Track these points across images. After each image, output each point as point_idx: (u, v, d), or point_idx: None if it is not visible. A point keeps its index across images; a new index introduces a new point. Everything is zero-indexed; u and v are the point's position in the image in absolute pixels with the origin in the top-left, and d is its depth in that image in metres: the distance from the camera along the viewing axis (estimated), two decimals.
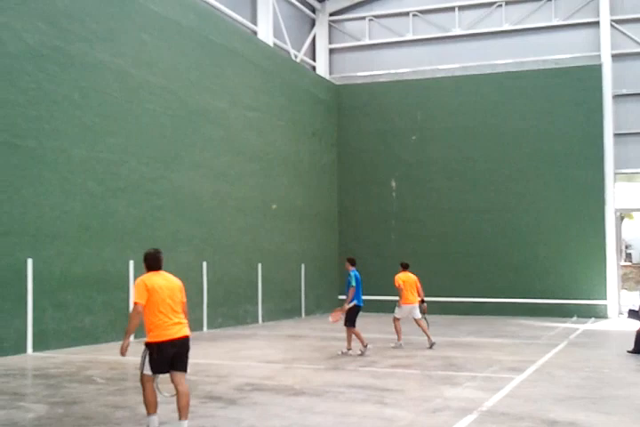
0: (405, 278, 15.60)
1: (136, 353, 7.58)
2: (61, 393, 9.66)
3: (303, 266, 25.11)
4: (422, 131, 27.22)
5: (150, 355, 7.17)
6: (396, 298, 15.67)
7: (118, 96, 16.91)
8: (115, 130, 16.73)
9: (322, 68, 29.14)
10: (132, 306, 15.42)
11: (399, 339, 15.49)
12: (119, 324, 16.52)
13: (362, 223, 27.76)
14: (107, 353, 13.99)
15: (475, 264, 25.99)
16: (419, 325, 15.61)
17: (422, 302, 15.80)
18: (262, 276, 22.46)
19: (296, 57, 27.26)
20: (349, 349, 14.22)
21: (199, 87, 20.05)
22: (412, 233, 26.97)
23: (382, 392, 9.89)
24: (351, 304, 14.27)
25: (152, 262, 7.59)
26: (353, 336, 14.34)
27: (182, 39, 19.44)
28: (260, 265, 22.43)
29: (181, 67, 19.36)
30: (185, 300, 7.56)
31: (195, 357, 13.66)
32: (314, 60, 29.12)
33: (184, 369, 7.30)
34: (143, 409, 8.44)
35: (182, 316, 7.40)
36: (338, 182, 28.32)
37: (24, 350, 13.91)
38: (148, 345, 7.21)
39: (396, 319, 15.58)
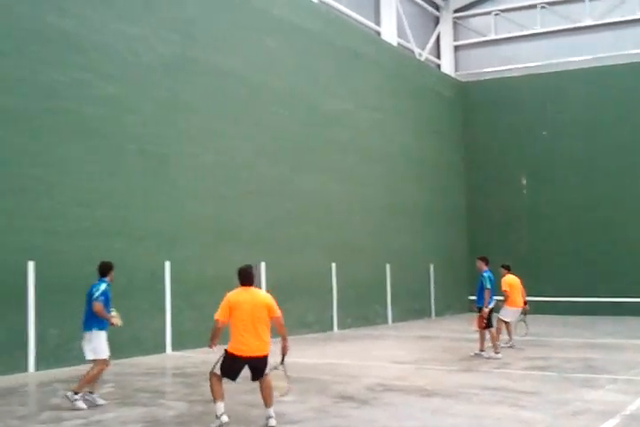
0: (511, 281, 15.04)
1: (271, 354, 7.74)
2: (200, 391, 9.97)
3: (432, 266, 24.88)
4: (553, 125, 26.41)
5: (224, 361, 7.61)
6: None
7: (247, 102, 17.34)
8: (244, 135, 17.16)
9: (447, 66, 28.80)
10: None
11: (501, 343, 14.56)
12: None
13: (491, 222, 27.21)
14: None
15: (611, 262, 24.90)
16: (506, 328, 15.24)
17: (525, 303, 15.36)
18: (391, 276, 22.41)
19: (420, 56, 27.07)
20: (482, 350, 13.92)
21: (325, 90, 20.26)
22: (544, 231, 26.20)
23: (518, 394, 9.65)
24: (490, 306, 13.87)
25: (242, 278, 7.89)
26: (487, 337, 13.98)
27: (307, 43, 19.71)
28: (388, 266, 22.40)
29: (307, 71, 19.63)
30: (277, 314, 7.75)
31: (325, 357, 13.90)
32: (438, 58, 28.82)
33: (260, 377, 7.71)
34: (280, 408, 8.62)
35: (263, 333, 7.62)
36: (466, 181, 27.90)
37: (163, 349, 14.48)
38: (225, 351, 7.62)
39: (501, 321, 14.95)
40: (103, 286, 9.27)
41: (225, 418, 7.43)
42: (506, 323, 15.23)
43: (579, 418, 8.19)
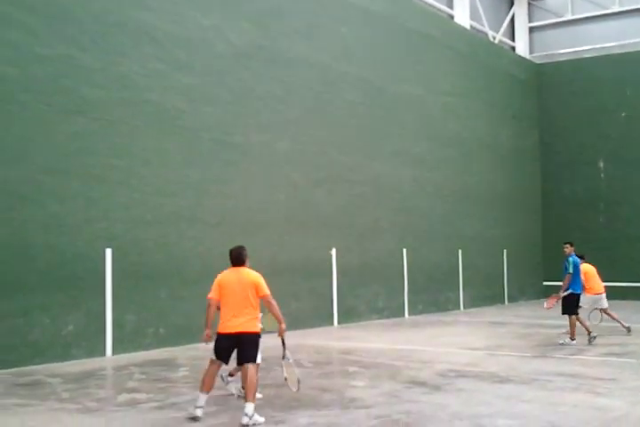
0: (587, 269, 14.63)
1: (346, 339, 7.78)
2: (271, 376, 10.11)
3: (505, 252, 24.55)
4: (632, 107, 25.66)
5: (215, 342, 7.71)
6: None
7: (318, 89, 17.39)
8: (316, 122, 17.23)
9: (522, 48, 28.25)
10: (335, 292, 15.72)
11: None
12: (323, 310, 17.07)
13: (567, 207, 26.66)
14: (312, 338, 14.47)
15: None
16: (609, 315, 15.03)
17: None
18: (463, 262, 22.23)
19: (494, 38, 26.62)
20: (573, 339, 13.33)
21: (396, 75, 20.15)
22: (622, 216, 25.54)
23: (594, 381, 9.48)
24: (567, 292, 13.55)
25: (233, 259, 7.99)
26: (578, 325, 13.49)
27: (379, 28, 19.62)
28: (460, 251, 22.22)
29: (378, 56, 19.55)
30: (265, 293, 7.71)
31: (396, 342, 13.91)
32: (513, 40, 28.29)
33: (245, 360, 7.60)
34: (351, 393, 8.69)
35: (250, 311, 7.63)
36: (540, 165, 27.40)
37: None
38: (217, 333, 7.70)
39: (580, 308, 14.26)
40: None
41: (199, 412, 7.36)
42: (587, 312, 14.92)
43: None
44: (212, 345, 7.74)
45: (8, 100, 11.21)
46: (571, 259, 13.67)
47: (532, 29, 28.72)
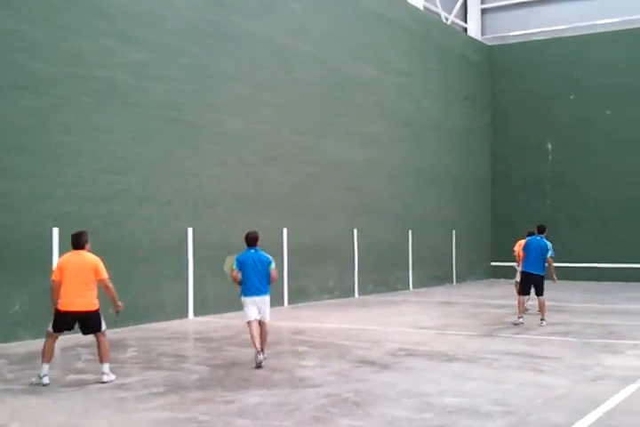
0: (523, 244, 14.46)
1: (296, 319, 7.80)
2: (221, 356, 10.12)
3: (454, 232, 24.83)
4: (580, 90, 26.03)
5: (55, 318, 8.40)
6: None
7: (271, 67, 17.25)
8: (268, 101, 17.10)
9: (473, 30, 28.38)
10: (286, 272, 15.74)
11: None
12: (273, 290, 17.02)
13: (515, 188, 27.03)
14: None
15: (635, 229, 24.72)
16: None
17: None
18: (413, 242, 22.42)
19: (447, 19, 26.68)
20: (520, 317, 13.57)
21: (350, 55, 20.10)
22: (568, 198, 25.99)
23: (538, 360, 9.69)
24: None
25: (73, 243, 8.56)
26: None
27: (333, 7, 19.51)
28: (410, 231, 22.40)
29: (332, 35, 19.45)
30: (103, 276, 8.52)
31: (346, 322, 14.01)
32: (465, 21, 28.39)
33: (93, 332, 8.57)
34: (301, 372, 8.75)
35: (89, 291, 8.40)
36: (491, 147, 27.69)
37: (186, 314, 14.64)
38: (55, 309, 8.38)
39: (516, 284, 14.65)
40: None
41: (46, 380, 8.10)
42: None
43: (599, 383, 8.22)
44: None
45: None
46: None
47: (484, 11, 28.83)
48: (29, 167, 11.90)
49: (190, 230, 14.79)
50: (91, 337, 8.66)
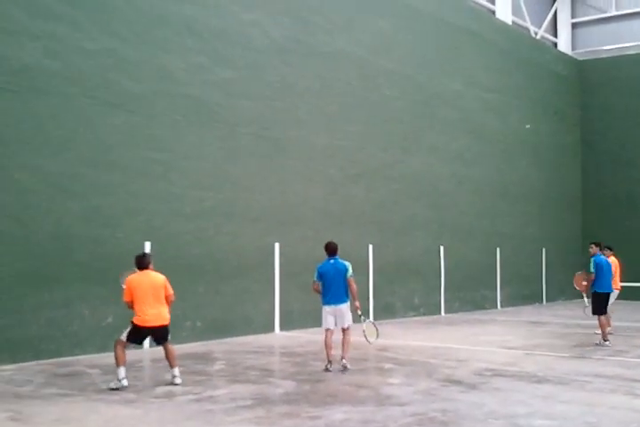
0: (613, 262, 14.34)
1: (381, 336, 7.73)
2: (307, 371, 10.14)
3: (544, 250, 24.29)
4: None
5: (130, 331, 9.04)
6: None
7: (357, 84, 17.35)
8: (353, 117, 17.19)
9: (563, 44, 27.89)
10: (371, 289, 15.68)
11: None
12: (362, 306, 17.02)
13: (608, 206, 26.26)
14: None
15: None
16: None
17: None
18: (501, 260, 22.04)
19: (536, 34, 26.30)
20: (605, 340, 13.09)
21: (436, 70, 20.03)
22: None
23: (633, 383, 9.34)
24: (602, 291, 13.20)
25: (138, 263, 9.17)
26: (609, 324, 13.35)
27: (419, 23, 19.52)
28: (498, 249, 22.02)
29: (418, 51, 19.45)
30: (170, 292, 9.18)
31: (433, 340, 13.84)
32: (555, 36, 27.94)
33: (163, 342, 9.23)
34: (387, 390, 8.68)
35: (161, 306, 9.05)
36: (581, 164, 27.03)
37: (272, 329, 14.76)
38: (132, 323, 9.07)
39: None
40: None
41: (125, 382, 8.68)
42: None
43: None
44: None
45: (52, 93, 11.36)
46: (592, 258, 13.37)
47: (574, 25, 28.34)
48: (121, 183, 12.27)
49: (277, 246, 14.93)
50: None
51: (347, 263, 10.37)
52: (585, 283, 13.74)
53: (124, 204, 12.29)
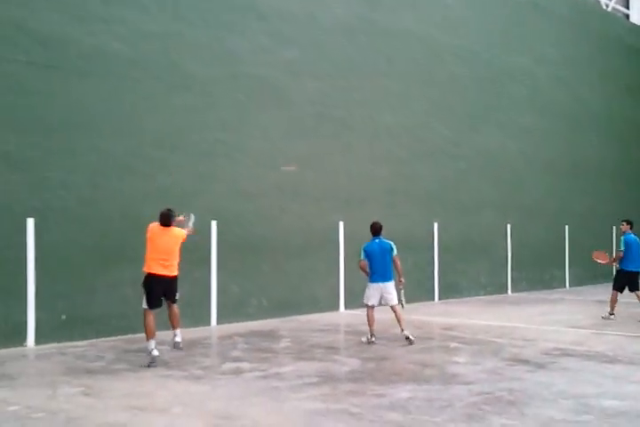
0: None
1: (447, 315, 7.72)
2: (372, 349, 10.17)
3: (614, 229, 23.70)
4: None
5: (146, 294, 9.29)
6: None
7: (423, 62, 17.16)
8: (419, 96, 17.02)
9: (636, 16, 26.97)
10: (437, 267, 15.57)
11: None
12: (426, 285, 16.98)
13: None
14: (413, 313, 14.41)
15: None
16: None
17: None
18: (570, 239, 21.62)
19: (607, 6, 25.49)
20: (611, 313, 13.73)
21: (503, 46, 19.65)
22: None
23: None
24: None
25: (160, 221, 9.43)
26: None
27: None
28: (567, 227, 21.60)
29: (484, 27, 19.09)
30: (184, 235, 9.55)
31: (499, 319, 13.71)
32: (627, 7, 27.02)
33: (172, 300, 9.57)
34: (453, 369, 8.66)
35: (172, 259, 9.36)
36: None
37: (337, 307, 14.83)
38: (143, 282, 9.35)
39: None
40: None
41: (155, 352, 8.89)
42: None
43: None
44: None
45: (119, 75, 11.54)
46: (622, 237, 13.93)
47: None
48: (187, 164, 12.42)
49: (342, 225, 14.95)
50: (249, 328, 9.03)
51: (391, 243, 10.81)
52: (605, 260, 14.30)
53: (190, 184, 12.45)
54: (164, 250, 9.25)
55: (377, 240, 10.84)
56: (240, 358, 9.37)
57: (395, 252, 10.75)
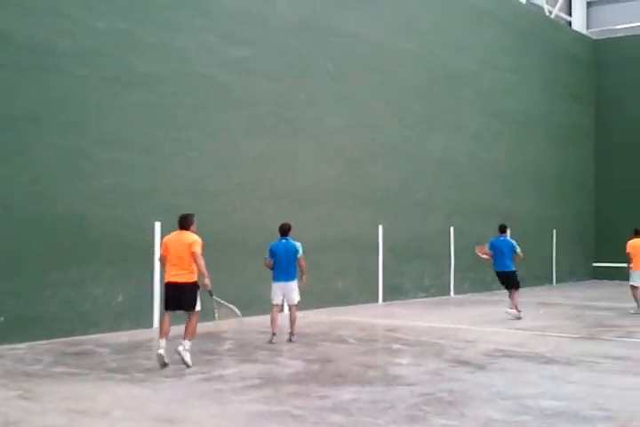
0: (634, 244, 15.34)
1: (390, 316, 7.77)
2: (316, 351, 10.19)
3: (555, 232, 24.20)
4: None
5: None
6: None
7: (373, 64, 17.27)
8: (369, 97, 17.11)
9: (578, 24, 27.60)
10: (381, 269, 15.68)
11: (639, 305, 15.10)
12: (370, 287, 17.08)
13: (621, 188, 26.04)
14: (357, 315, 14.50)
15: None
16: (633, 294, 15.25)
17: None
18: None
19: (550, 13, 26.02)
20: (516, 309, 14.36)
21: (452, 50, 19.92)
22: None
23: None
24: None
25: (178, 223, 9.23)
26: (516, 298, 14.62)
27: (434, 3, 19.43)
28: (509, 230, 21.92)
29: (434, 31, 19.32)
30: (194, 250, 8.93)
31: (442, 321, 13.86)
32: (570, 15, 27.63)
33: (186, 308, 9.21)
34: (395, 370, 8.72)
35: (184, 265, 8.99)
36: (595, 144, 26.81)
37: (284, 308, 14.76)
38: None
39: (633, 287, 15.20)
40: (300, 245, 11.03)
41: (161, 351, 8.70)
42: (635, 288, 15.21)
43: None
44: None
45: (64, 72, 11.34)
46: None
47: (589, 4, 28.02)
48: (137, 163, 12.29)
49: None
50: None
51: (297, 244, 11.03)
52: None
53: (140, 183, 12.30)
54: (174, 255, 9.02)
55: (283, 240, 11.10)
56: (182, 361, 9.28)
57: (300, 253, 10.99)
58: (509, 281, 14.69)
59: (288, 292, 11.09)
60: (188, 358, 8.79)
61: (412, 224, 18.25)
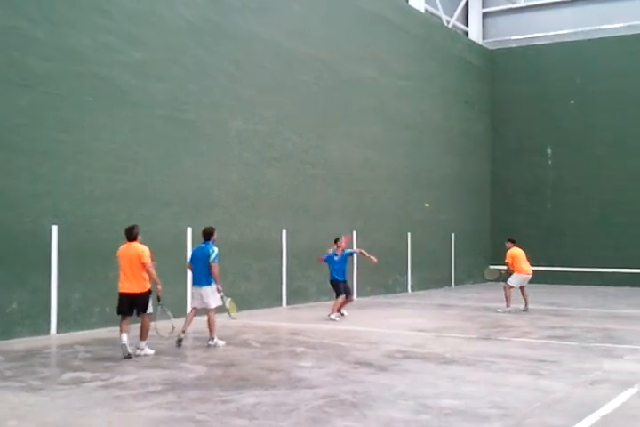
0: (516, 252, 16.54)
1: (294, 320, 7.78)
2: (219, 355, 10.11)
3: (453, 235, 24.82)
4: (582, 95, 26.02)
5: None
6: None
7: (271, 67, 17.26)
8: (269, 102, 17.10)
9: (475, 34, 28.42)
10: (285, 273, 15.76)
11: (508, 305, 16.24)
12: (273, 291, 17.08)
13: (515, 193, 27.03)
14: (261, 319, 14.48)
15: (637, 234, 24.66)
16: (523, 292, 16.56)
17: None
18: (412, 245, 22.41)
19: (448, 23, 26.71)
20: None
21: (350, 56, 20.11)
22: (569, 203, 25.97)
23: (537, 363, 9.67)
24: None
25: (126, 235, 10.10)
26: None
27: (333, 8, 19.54)
28: (409, 234, 22.38)
29: (332, 36, 19.47)
30: (144, 261, 9.83)
31: (344, 324, 13.99)
32: (466, 25, 28.44)
33: (141, 312, 9.98)
34: (298, 373, 8.73)
35: (139, 275, 9.85)
36: (490, 151, 27.68)
37: (184, 313, 14.57)
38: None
39: (509, 287, 16.36)
40: (216, 249, 10.99)
41: (124, 340, 9.65)
42: (510, 288, 16.42)
43: (597, 387, 8.21)
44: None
45: None
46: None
47: (485, 15, 28.89)
48: (26, 165, 11.86)
49: (189, 230, 14.75)
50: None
51: (211, 249, 10.98)
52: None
53: (29, 186, 11.90)
54: (126, 266, 9.86)
55: (202, 245, 11.14)
56: (81, 368, 9.05)
57: (212, 258, 10.89)
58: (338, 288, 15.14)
59: (202, 296, 11.01)
60: (148, 351, 9.95)
61: (314, 228, 18.34)
